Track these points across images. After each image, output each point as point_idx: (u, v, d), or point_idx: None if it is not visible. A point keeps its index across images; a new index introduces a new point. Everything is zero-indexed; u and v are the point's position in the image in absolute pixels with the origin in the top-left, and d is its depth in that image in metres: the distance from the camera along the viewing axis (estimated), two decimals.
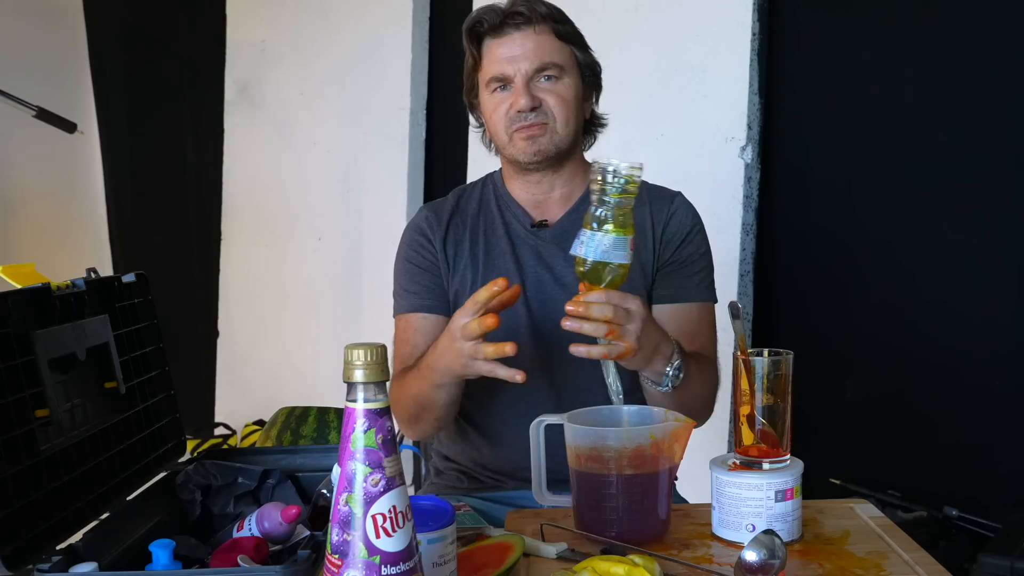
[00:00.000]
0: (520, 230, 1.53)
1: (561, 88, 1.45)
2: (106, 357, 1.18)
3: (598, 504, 1.11)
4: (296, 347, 3.30)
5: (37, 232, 3.55)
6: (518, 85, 1.44)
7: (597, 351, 1.22)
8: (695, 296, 1.51)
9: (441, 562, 0.93)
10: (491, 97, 1.48)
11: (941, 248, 2.21)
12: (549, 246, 1.51)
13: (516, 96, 1.44)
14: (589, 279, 1.21)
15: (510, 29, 1.44)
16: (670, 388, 1.32)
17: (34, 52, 3.52)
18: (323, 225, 3.23)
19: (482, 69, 1.49)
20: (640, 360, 1.27)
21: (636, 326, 1.21)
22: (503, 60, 1.45)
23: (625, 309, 1.20)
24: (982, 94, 2.15)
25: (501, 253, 1.52)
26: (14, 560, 0.92)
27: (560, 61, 1.45)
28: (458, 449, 1.56)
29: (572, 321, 1.19)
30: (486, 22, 1.46)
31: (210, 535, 1.17)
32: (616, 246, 1.19)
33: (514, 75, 1.44)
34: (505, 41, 1.45)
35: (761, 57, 2.33)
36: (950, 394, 2.21)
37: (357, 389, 0.75)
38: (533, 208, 1.54)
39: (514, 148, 1.47)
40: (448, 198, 1.59)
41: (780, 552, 0.95)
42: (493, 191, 1.57)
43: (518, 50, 1.44)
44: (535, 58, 1.43)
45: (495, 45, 1.46)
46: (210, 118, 3.50)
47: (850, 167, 2.34)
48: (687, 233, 1.51)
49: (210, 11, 3.48)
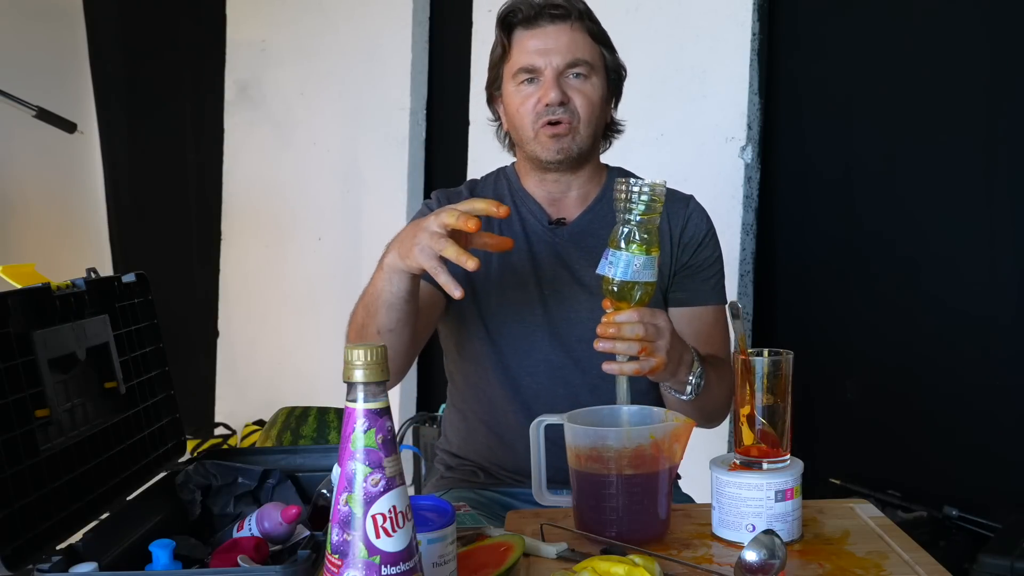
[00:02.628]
0: (537, 226, 1.51)
1: (589, 88, 1.44)
2: (106, 357, 1.18)
3: (598, 504, 1.11)
4: (296, 347, 3.30)
5: (37, 232, 3.55)
6: (548, 78, 1.42)
7: (630, 368, 1.21)
8: (710, 300, 1.51)
9: (441, 562, 0.92)
10: (517, 90, 1.45)
11: (941, 248, 2.21)
12: (567, 244, 1.50)
13: (546, 89, 1.41)
14: (617, 298, 1.21)
15: (544, 21, 1.42)
16: (693, 397, 1.32)
17: (34, 52, 3.52)
18: (323, 225, 3.23)
19: (511, 59, 1.46)
20: (668, 373, 1.28)
21: (665, 341, 1.22)
22: (534, 52, 1.42)
23: (655, 326, 1.21)
24: (982, 94, 2.15)
25: (517, 249, 1.49)
26: (14, 560, 0.92)
27: (591, 60, 1.44)
28: (471, 448, 1.55)
29: (605, 343, 1.19)
30: (521, 12, 1.43)
31: (210, 535, 1.16)
32: (645, 265, 1.20)
33: (544, 68, 1.42)
34: (538, 33, 1.42)
35: (761, 57, 2.33)
36: (950, 394, 2.21)
37: (357, 389, 0.75)
38: (549, 205, 1.53)
39: (538, 145, 1.45)
40: (461, 189, 1.58)
41: (780, 552, 0.95)
42: (508, 186, 1.56)
43: (551, 43, 1.41)
44: (568, 53, 1.42)
45: (527, 36, 1.43)
46: (210, 118, 3.50)
47: (850, 167, 2.34)
48: (703, 237, 1.52)
49: (210, 11, 3.48)
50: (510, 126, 1.51)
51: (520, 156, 1.55)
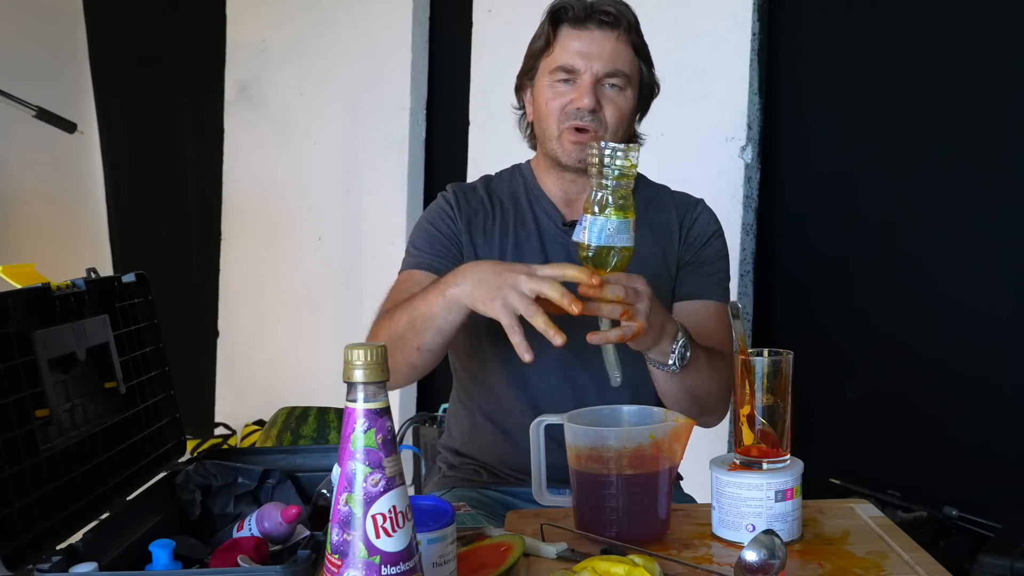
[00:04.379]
0: (551, 227, 1.52)
1: (622, 100, 1.44)
2: (106, 357, 1.18)
3: (598, 504, 1.11)
4: (296, 347, 3.30)
5: (37, 232, 3.55)
6: (585, 83, 1.41)
7: (614, 334, 1.21)
8: (713, 294, 1.52)
9: (441, 562, 0.92)
10: (551, 87, 1.45)
11: (941, 247, 2.21)
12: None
13: (580, 93, 1.41)
14: (594, 264, 1.20)
15: (593, 25, 1.41)
16: (677, 368, 1.31)
17: (34, 52, 3.52)
18: (323, 225, 3.23)
19: (551, 54, 1.45)
20: (649, 340, 1.27)
21: (645, 305, 1.22)
22: (577, 53, 1.42)
23: (634, 289, 1.21)
24: (982, 94, 2.15)
25: (531, 249, 1.50)
26: (14, 560, 0.92)
27: (630, 72, 1.44)
28: (476, 446, 1.55)
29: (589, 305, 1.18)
30: (572, 9, 1.42)
31: (210, 535, 1.16)
32: (620, 229, 1.18)
33: (584, 71, 1.42)
34: (585, 35, 1.42)
35: (761, 57, 2.33)
36: (950, 394, 2.21)
37: (357, 389, 0.75)
38: (564, 205, 1.53)
39: (559, 146, 1.45)
40: (476, 184, 1.58)
41: (780, 552, 0.95)
42: (523, 184, 1.56)
43: (596, 48, 1.41)
44: (610, 62, 1.41)
45: (573, 36, 1.43)
46: (210, 118, 3.50)
47: (850, 166, 2.34)
48: (709, 236, 1.54)
49: (210, 11, 3.48)
50: (535, 118, 1.51)
51: (540, 152, 1.55)
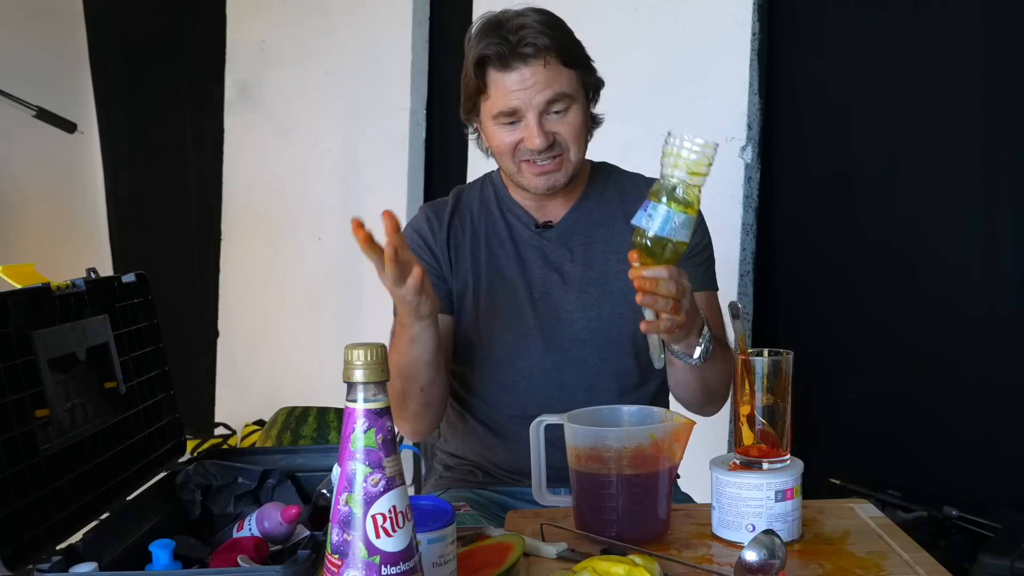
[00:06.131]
0: (524, 231, 1.53)
1: (571, 117, 1.43)
2: (106, 357, 1.18)
3: (598, 504, 1.11)
4: (296, 347, 3.30)
5: (37, 232, 3.55)
6: (531, 122, 1.40)
7: (665, 325, 1.22)
8: (701, 285, 1.51)
9: (441, 562, 0.93)
10: (499, 129, 1.44)
11: (941, 248, 2.21)
12: (555, 246, 1.51)
13: (530, 135, 1.40)
14: (647, 252, 1.19)
15: (518, 62, 1.40)
16: (700, 361, 1.32)
17: (34, 52, 3.52)
18: (323, 225, 3.23)
19: (489, 99, 1.44)
20: (683, 333, 1.28)
21: (687, 301, 1.23)
22: (512, 94, 1.40)
23: (683, 286, 1.22)
24: (982, 93, 2.15)
25: (505, 256, 1.51)
26: (14, 560, 0.92)
27: (570, 90, 1.42)
28: (469, 448, 1.55)
29: (646, 297, 1.19)
30: (494, 55, 1.41)
31: (210, 535, 1.17)
32: (684, 224, 1.18)
33: (526, 110, 1.40)
34: (514, 75, 1.40)
35: (761, 57, 2.33)
36: (950, 394, 2.21)
37: (357, 389, 0.75)
38: (535, 209, 1.53)
39: (524, 179, 1.45)
40: (448, 199, 1.58)
41: (780, 552, 0.95)
42: (493, 192, 1.57)
43: (530, 82, 1.39)
44: (547, 90, 1.39)
45: (503, 78, 1.41)
46: (210, 118, 3.50)
47: (850, 167, 2.34)
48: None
49: (210, 11, 3.48)
50: (492, 152, 1.50)
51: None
